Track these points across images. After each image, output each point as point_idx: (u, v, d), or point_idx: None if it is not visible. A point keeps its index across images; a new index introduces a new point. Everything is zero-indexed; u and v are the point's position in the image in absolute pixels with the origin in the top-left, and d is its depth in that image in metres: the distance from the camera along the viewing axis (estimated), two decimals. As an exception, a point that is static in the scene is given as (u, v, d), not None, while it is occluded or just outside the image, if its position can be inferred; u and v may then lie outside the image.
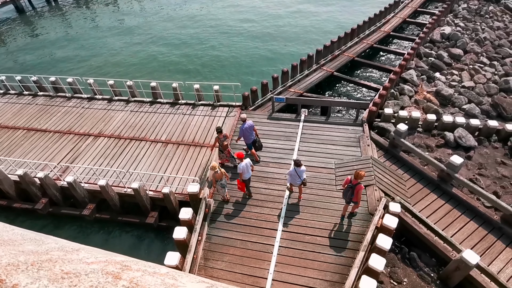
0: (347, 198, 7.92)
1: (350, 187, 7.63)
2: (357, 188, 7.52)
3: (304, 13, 25.68)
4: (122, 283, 0.57)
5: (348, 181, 7.70)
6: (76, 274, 0.55)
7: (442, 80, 14.19)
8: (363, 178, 7.51)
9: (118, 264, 0.64)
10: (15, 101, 14.83)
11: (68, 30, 26.58)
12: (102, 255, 0.76)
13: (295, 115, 12.35)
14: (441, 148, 10.89)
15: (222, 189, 8.72)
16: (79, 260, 0.61)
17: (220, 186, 8.60)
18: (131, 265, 0.68)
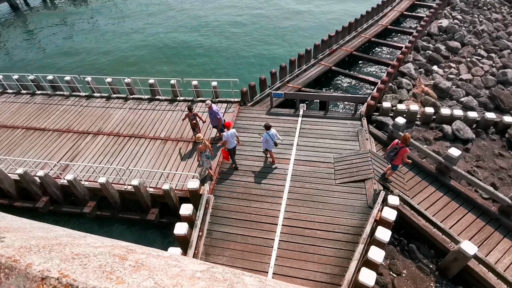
0: (389, 158, 8.51)
1: (395, 148, 8.19)
2: (402, 150, 8.06)
3: (303, 7, 25.55)
4: (129, 263, 0.61)
5: (395, 143, 8.25)
6: (85, 255, 0.58)
7: (439, 73, 14.21)
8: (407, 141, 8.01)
9: (123, 248, 0.68)
10: (13, 100, 14.80)
11: (64, 28, 26.42)
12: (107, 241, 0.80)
13: (293, 110, 12.38)
14: (439, 141, 10.94)
15: (207, 160, 9.32)
16: (87, 244, 0.65)
17: (205, 157, 9.24)
18: (135, 249, 0.72)
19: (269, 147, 9.60)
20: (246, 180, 9.80)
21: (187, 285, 0.61)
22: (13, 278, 0.52)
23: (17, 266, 0.52)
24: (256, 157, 10.53)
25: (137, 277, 0.57)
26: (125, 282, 0.54)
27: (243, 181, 9.78)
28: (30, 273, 0.51)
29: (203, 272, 0.70)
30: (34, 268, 0.52)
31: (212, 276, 0.68)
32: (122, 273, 0.58)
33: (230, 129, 9.34)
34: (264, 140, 9.45)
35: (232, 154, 9.75)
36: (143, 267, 0.62)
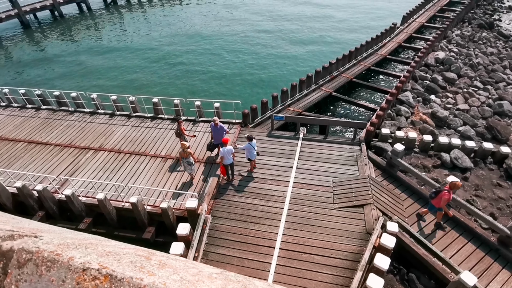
0: (429, 196, 8.53)
1: (439, 188, 8.16)
2: (443, 192, 7.92)
3: (304, 33, 26.55)
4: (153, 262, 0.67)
5: None
6: (116, 253, 0.65)
7: (437, 102, 14.56)
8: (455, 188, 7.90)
9: (145, 251, 0.74)
10: (17, 114, 15.02)
11: (72, 45, 27.26)
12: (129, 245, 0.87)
13: (294, 133, 12.56)
14: (438, 169, 11.03)
15: (188, 166, 10.03)
16: (113, 246, 0.71)
17: (186, 163, 9.97)
18: (155, 252, 0.78)
19: (252, 157, 10.21)
20: (244, 201, 9.77)
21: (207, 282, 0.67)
22: (55, 270, 0.58)
23: (59, 259, 0.58)
24: (255, 178, 10.56)
25: (164, 272, 0.64)
26: (156, 275, 0.61)
27: (241, 202, 9.75)
28: (72, 265, 0.58)
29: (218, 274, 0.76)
30: (76, 261, 0.59)
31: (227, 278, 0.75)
32: (150, 268, 0.64)
33: (227, 146, 9.61)
34: (247, 149, 10.09)
35: (228, 170, 10.13)
36: (167, 266, 0.68)
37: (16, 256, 0.59)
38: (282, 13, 31.67)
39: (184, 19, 31.86)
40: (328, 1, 34.25)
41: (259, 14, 31.59)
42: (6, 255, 0.61)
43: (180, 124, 11.26)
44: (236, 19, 30.73)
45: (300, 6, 33.36)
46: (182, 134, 11.26)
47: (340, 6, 32.52)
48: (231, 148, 9.71)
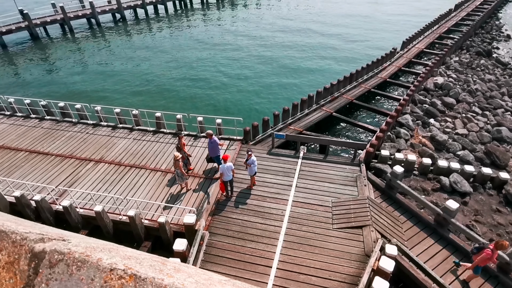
0: (471, 251, 8.08)
1: (483, 244, 7.82)
2: (486, 250, 7.42)
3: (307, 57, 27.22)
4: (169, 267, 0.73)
5: None
6: (136, 257, 0.71)
7: (436, 126, 14.74)
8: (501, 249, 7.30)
9: (159, 258, 0.80)
10: (21, 123, 15.19)
11: (79, 58, 27.90)
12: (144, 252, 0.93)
13: (294, 152, 12.64)
14: (437, 192, 11.03)
15: (177, 176, 10.38)
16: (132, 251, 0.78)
17: (176, 175, 10.37)
18: (168, 259, 0.84)
19: (252, 172, 10.31)
20: (242, 219, 9.72)
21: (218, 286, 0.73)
22: (85, 269, 0.64)
23: (89, 260, 0.64)
24: (254, 196, 10.55)
25: (180, 275, 0.69)
26: (174, 277, 0.66)
27: (239, 219, 9.69)
28: (101, 265, 0.64)
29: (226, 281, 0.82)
30: (104, 262, 0.65)
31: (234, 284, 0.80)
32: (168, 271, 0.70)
33: (227, 162, 9.66)
34: (250, 164, 10.14)
35: (227, 186, 10.15)
36: (181, 271, 0.74)
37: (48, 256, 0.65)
38: (286, 38, 32.61)
39: (190, 36, 32.76)
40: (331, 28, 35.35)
41: (264, 35, 32.52)
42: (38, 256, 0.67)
43: (181, 139, 11.39)
44: (243, 37, 31.60)
45: (302, 32, 34.41)
46: (182, 149, 11.37)
47: (340, 34, 33.53)
48: (231, 165, 9.76)
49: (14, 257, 0.68)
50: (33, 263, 0.66)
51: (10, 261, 0.67)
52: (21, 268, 0.67)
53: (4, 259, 0.68)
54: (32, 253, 0.67)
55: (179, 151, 11.24)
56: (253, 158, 10.23)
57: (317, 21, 36.84)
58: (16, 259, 0.67)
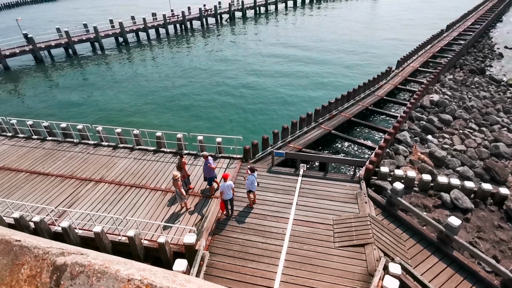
0: None
1: None
2: None
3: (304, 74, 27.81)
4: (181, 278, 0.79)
5: None
6: (150, 270, 0.76)
7: (434, 142, 14.87)
8: None
9: (169, 271, 0.86)
10: (22, 144, 15.29)
11: (84, 81, 28.46)
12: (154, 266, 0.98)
13: (294, 170, 12.67)
14: (439, 209, 10.98)
15: (177, 196, 10.38)
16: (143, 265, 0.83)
17: (176, 193, 10.36)
18: (177, 273, 0.90)
19: (253, 188, 10.27)
20: (243, 238, 9.61)
21: None
22: (104, 280, 0.69)
23: (108, 271, 0.70)
24: (255, 214, 10.48)
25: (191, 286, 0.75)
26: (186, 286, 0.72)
27: (240, 239, 9.58)
28: (119, 276, 0.69)
29: None
30: (122, 273, 0.70)
31: None
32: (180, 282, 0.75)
33: (228, 181, 9.67)
34: (249, 182, 10.12)
35: (227, 205, 10.13)
36: (191, 282, 0.79)
37: (70, 269, 0.70)
38: (283, 60, 33.44)
39: (190, 57, 33.58)
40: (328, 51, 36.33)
41: (262, 57, 33.35)
42: (60, 268, 0.72)
43: (182, 158, 11.45)
44: (241, 58, 32.40)
45: (299, 54, 35.33)
46: (183, 168, 11.41)
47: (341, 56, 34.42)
48: (231, 183, 9.77)
49: (36, 271, 0.73)
50: (55, 276, 0.71)
51: (32, 274, 0.73)
52: (43, 281, 0.72)
53: (26, 273, 0.73)
54: (54, 266, 0.72)
55: (180, 171, 11.28)
56: (256, 174, 10.29)
57: (313, 44, 37.92)
58: (38, 273, 0.73)
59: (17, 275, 0.73)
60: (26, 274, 0.73)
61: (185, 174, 11.47)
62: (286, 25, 47.30)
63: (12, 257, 0.75)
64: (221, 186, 9.75)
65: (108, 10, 62.72)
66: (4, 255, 0.76)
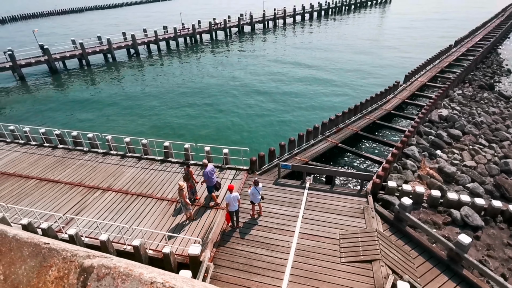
0: None
1: None
2: None
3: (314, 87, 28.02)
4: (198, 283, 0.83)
5: None
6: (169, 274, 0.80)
7: (443, 157, 14.69)
8: None
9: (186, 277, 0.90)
10: (34, 151, 15.62)
11: (96, 91, 29.16)
12: None
13: (300, 182, 12.63)
14: (449, 226, 10.75)
15: (182, 206, 10.41)
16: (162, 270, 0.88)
17: (181, 203, 10.43)
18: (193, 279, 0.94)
19: (255, 200, 10.36)
20: (248, 250, 9.53)
21: None
22: (129, 282, 0.74)
23: (132, 274, 0.74)
24: (260, 227, 10.42)
25: None
26: None
27: (245, 251, 9.50)
28: (143, 279, 0.73)
29: None
30: (145, 276, 0.74)
31: None
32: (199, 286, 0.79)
33: (233, 192, 9.71)
34: (251, 193, 10.30)
35: (233, 217, 10.11)
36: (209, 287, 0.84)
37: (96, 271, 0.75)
38: (292, 72, 33.83)
39: (199, 69, 34.21)
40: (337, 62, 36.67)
41: (271, 69, 33.81)
42: (87, 270, 0.77)
43: (189, 168, 11.55)
44: (250, 70, 32.88)
45: (308, 67, 35.69)
46: (191, 178, 11.47)
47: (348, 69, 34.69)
48: (237, 195, 9.78)
49: (64, 272, 0.78)
50: (82, 277, 0.76)
51: (60, 276, 0.77)
52: (70, 282, 0.77)
53: (54, 275, 0.78)
54: (81, 268, 0.77)
55: (187, 181, 11.35)
56: (260, 186, 10.35)
57: (320, 58, 38.33)
58: (66, 274, 0.78)
59: (44, 276, 0.78)
60: (54, 275, 0.78)
61: (193, 184, 11.54)
62: (294, 39, 48.02)
63: (40, 259, 0.80)
64: (227, 197, 9.77)
65: (121, 22, 64.73)
66: (32, 257, 0.82)
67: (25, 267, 0.77)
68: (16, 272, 0.78)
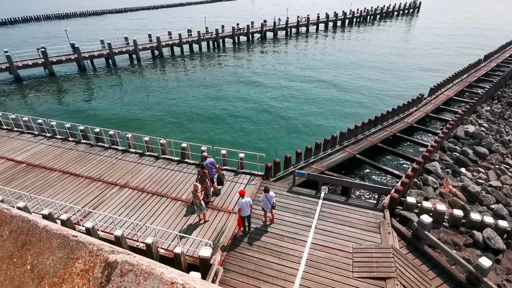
0: None
1: None
2: None
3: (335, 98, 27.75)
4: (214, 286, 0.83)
5: None
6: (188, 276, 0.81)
7: (468, 176, 14.08)
8: None
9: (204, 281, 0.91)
10: (59, 145, 16.30)
11: (120, 89, 30.18)
12: None
13: (315, 192, 12.45)
14: (470, 248, 10.25)
15: (196, 207, 10.49)
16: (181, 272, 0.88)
17: (194, 204, 10.50)
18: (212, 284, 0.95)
19: (266, 208, 10.35)
20: (258, 257, 9.46)
21: None
22: (150, 280, 0.75)
23: (154, 272, 0.76)
24: (272, 234, 10.33)
25: None
26: None
27: (255, 258, 9.44)
28: (164, 278, 0.74)
29: None
30: (166, 275, 0.76)
31: None
32: None
33: (245, 197, 9.75)
34: (261, 200, 10.40)
35: (244, 222, 10.10)
36: None
37: (120, 266, 0.77)
38: (314, 80, 33.70)
39: (221, 72, 34.71)
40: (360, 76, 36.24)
41: (292, 75, 33.82)
42: (111, 265, 0.78)
43: (204, 169, 11.67)
44: (272, 75, 33.02)
45: (329, 76, 35.47)
46: (206, 179, 11.55)
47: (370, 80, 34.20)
48: (249, 200, 9.78)
49: (89, 266, 0.80)
50: (106, 272, 0.78)
51: (85, 269, 0.80)
52: (95, 275, 0.79)
53: (80, 267, 0.81)
54: (106, 263, 0.79)
55: (202, 183, 11.44)
56: (271, 194, 10.28)
57: (343, 68, 37.98)
58: (91, 267, 0.80)
59: (70, 268, 0.81)
60: (80, 268, 0.81)
61: (207, 186, 11.62)
62: (316, 47, 47.89)
63: (68, 251, 0.83)
64: (239, 202, 9.77)
65: (150, 24, 66.91)
66: (61, 249, 0.84)
67: (52, 258, 0.80)
68: (44, 262, 0.81)
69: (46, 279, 0.77)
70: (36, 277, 0.84)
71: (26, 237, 0.85)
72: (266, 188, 10.29)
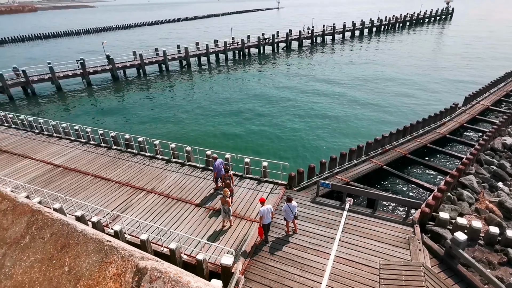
0: None
1: None
2: None
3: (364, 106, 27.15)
4: None
5: None
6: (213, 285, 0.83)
7: (505, 191, 13.10)
8: None
9: None
10: (92, 150, 17.23)
11: (150, 97, 31.50)
12: None
13: (339, 203, 12.13)
14: (504, 267, 9.47)
15: (223, 213, 10.66)
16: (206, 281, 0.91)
17: (222, 209, 10.66)
18: None
19: (288, 218, 10.18)
20: (280, 268, 9.31)
21: None
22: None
23: (181, 281, 0.79)
24: (294, 245, 10.15)
25: None
26: None
27: (277, 268, 9.30)
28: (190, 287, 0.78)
29: None
30: (192, 284, 0.79)
31: None
32: None
33: (266, 205, 9.72)
34: (283, 210, 10.23)
35: (266, 230, 10.04)
36: None
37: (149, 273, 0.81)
38: (339, 89, 33.27)
39: (246, 82, 35.21)
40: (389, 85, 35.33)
41: (318, 85, 33.60)
42: (141, 271, 0.83)
43: (228, 172, 12.07)
44: (297, 85, 33.02)
45: (358, 85, 34.85)
46: (232, 183, 12.01)
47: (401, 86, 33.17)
48: (270, 207, 9.76)
49: (121, 270, 0.85)
50: (136, 277, 0.82)
51: (118, 273, 0.85)
52: (127, 280, 0.83)
53: (113, 271, 0.86)
54: (137, 268, 0.83)
55: (229, 186, 11.64)
56: (294, 204, 10.15)
57: (371, 76, 37.19)
58: (123, 272, 0.84)
59: (104, 272, 0.86)
60: (113, 272, 0.85)
61: (233, 189, 11.93)
62: (342, 56, 47.33)
63: (102, 255, 0.88)
64: (261, 210, 9.72)
65: (180, 34, 69.73)
66: (96, 253, 0.90)
67: (88, 261, 0.86)
68: (80, 265, 0.87)
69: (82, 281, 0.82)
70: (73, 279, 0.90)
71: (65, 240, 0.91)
72: (289, 197, 10.17)
